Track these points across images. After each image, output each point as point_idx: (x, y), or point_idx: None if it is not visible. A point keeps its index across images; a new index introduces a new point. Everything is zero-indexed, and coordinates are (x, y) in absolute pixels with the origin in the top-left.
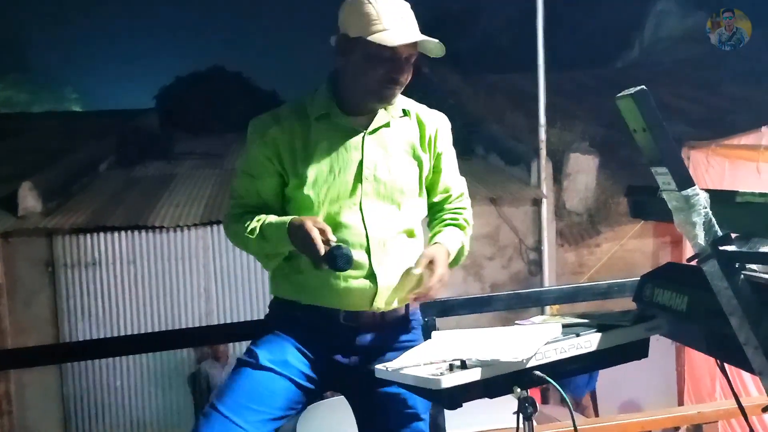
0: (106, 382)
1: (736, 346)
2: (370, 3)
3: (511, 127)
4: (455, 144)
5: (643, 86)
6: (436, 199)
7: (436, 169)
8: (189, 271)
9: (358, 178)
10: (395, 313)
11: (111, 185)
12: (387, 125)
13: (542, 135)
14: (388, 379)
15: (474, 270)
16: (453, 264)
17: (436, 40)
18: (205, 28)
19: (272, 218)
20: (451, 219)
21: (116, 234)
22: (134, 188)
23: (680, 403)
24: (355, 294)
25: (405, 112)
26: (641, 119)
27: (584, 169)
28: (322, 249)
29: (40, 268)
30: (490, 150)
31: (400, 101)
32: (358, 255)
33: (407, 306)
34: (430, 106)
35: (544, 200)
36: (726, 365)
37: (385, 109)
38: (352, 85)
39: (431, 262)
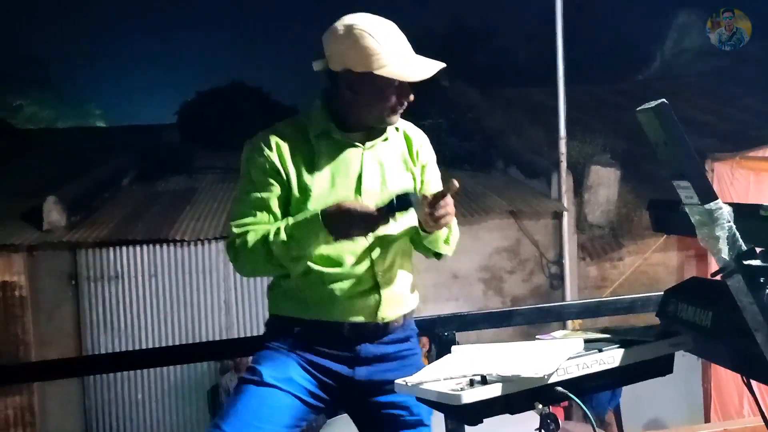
0: (128, 394)
1: (762, 362)
2: (369, 35)
3: (530, 140)
4: (474, 157)
5: (664, 99)
6: None
7: (422, 180)
8: (210, 285)
9: (358, 191)
10: (395, 324)
11: (133, 199)
12: (385, 139)
13: (562, 148)
14: (407, 393)
15: (494, 284)
16: (445, 242)
17: (443, 65)
18: (226, 44)
19: (290, 220)
20: None
21: (138, 248)
22: (156, 202)
23: (707, 420)
24: (361, 306)
25: (396, 128)
26: (662, 132)
27: (605, 182)
28: (373, 209)
29: (64, 282)
30: (510, 163)
31: None
32: (363, 267)
33: (404, 316)
34: (450, 121)
35: (565, 213)
36: (753, 381)
37: None
38: (359, 113)
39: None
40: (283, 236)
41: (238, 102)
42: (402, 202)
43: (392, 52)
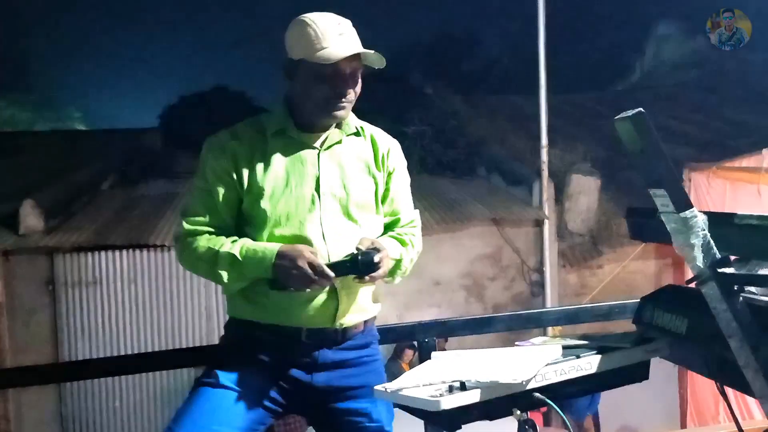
0: (105, 402)
1: (736, 369)
2: (310, 24)
3: (512, 148)
4: (457, 164)
5: (641, 109)
6: (385, 221)
7: (386, 187)
8: (190, 290)
9: (316, 193)
10: (355, 330)
11: (113, 204)
12: (339, 142)
13: (544, 156)
14: (386, 399)
15: (476, 291)
16: (389, 275)
17: (373, 52)
18: (209, 47)
19: (250, 242)
20: (396, 234)
21: (117, 253)
22: (136, 207)
23: (683, 426)
24: (319, 311)
25: (358, 132)
26: (639, 141)
27: (586, 190)
28: (328, 271)
29: (41, 287)
30: (492, 171)
31: (354, 121)
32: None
33: (365, 322)
34: (433, 128)
35: (546, 221)
36: (727, 388)
37: (339, 127)
38: (303, 104)
39: (373, 246)
40: (236, 252)
41: (221, 106)
42: (365, 266)
43: (326, 40)
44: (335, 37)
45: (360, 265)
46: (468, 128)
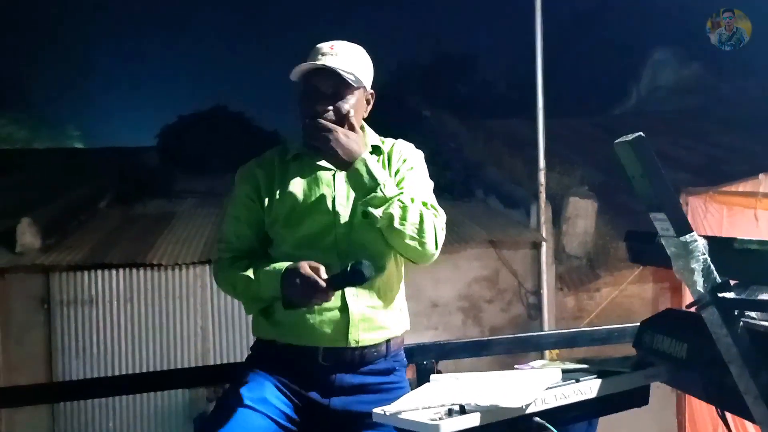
0: (99, 423)
1: (736, 394)
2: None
3: (510, 171)
4: (455, 186)
5: (641, 133)
6: None
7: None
8: (186, 310)
9: (331, 215)
10: (375, 353)
11: (110, 222)
12: None
13: (541, 179)
14: (384, 423)
15: (473, 313)
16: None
17: (322, 64)
18: (208, 67)
19: (265, 264)
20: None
21: (114, 271)
22: (133, 226)
23: None
24: (330, 327)
25: (375, 150)
26: (639, 165)
27: (583, 213)
28: (321, 282)
29: (36, 305)
30: (490, 193)
31: (372, 139)
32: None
33: (388, 346)
34: (431, 150)
35: (544, 244)
36: (727, 413)
37: None
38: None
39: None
40: (250, 274)
41: (220, 126)
42: (354, 275)
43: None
44: (313, 56)
45: (360, 272)
46: (466, 151)
